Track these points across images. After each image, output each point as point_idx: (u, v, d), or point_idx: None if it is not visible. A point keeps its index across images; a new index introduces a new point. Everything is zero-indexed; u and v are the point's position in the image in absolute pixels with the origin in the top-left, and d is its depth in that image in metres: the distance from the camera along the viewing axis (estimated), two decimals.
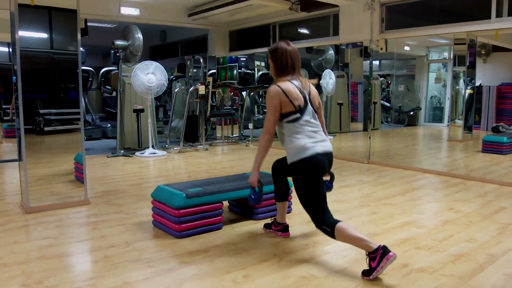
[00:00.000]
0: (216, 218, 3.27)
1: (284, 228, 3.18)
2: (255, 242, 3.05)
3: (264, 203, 3.52)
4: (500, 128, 8.98)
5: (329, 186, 3.10)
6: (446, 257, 2.78)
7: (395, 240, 3.10)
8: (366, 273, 2.46)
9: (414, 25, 6.29)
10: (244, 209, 3.64)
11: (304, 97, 2.79)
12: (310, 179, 2.73)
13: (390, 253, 2.40)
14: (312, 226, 3.37)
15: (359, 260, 2.71)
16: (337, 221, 2.63)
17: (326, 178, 3.02)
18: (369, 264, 2.46)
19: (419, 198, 4.40)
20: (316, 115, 2.87)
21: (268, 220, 3.34)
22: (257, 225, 3.40)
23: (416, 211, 3.87)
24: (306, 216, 3.62)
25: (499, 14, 5.24)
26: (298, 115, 2.75)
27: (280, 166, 3.10)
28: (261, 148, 2.81)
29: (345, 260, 2.73)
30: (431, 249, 2.91)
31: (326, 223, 2.66)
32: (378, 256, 2.41)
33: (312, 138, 2.76)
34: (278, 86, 2.76)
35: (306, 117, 2.77)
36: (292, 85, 2.78)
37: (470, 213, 3.78)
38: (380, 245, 2.45)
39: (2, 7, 4.49)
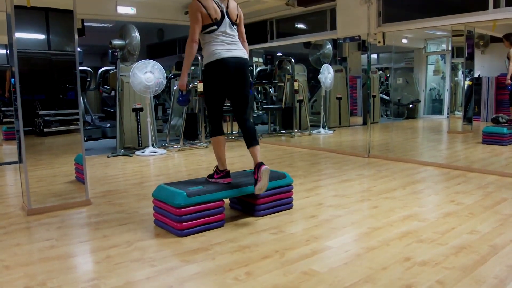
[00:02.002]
0: (217, 216, 3.28)
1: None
2: (256, 239, 3.05)
3: (266, 199, 3.52)
4: (500, 119, 8.97)
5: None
6: (448, 249, 2.78)
7: (396, 233, 3.10)
8: (210, 176, 3.49)
9: (411, 18, 6.27)
10: (245, 206, 3.65)
11: (222, 11, 3.26)
12: (214, 80, 3.30)
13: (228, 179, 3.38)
14: (313, 221, 3.39)
15: (361, 255, 2.72)
16: (222, 133, 3.46)
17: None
18: (212, 174, 3.48)
19: (420, 191, 4.40)
20: (235, 27, 3.36)
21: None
22: (258, 222, 3.41)
23: (417, 204, 3.87)
24: (308, 212, 3.64)
25: (496, 5, 5.23)
26: (214, 27, 3.25)
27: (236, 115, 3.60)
28: (187, 54, 3.28)
29: (347, 255, 2.73)
30: (433, 242, 2.92)
31: (213, 126, 3.46)
32: (217, 177, 3.44)
33: (224, 46, 3.25)
34: (199, 0, 3.21)
35: (222, 28, 3.26)
36: (210, 1, 3.23)
37: (471, 205, 3.78)
38: (226, 171, 3.43)
39: None
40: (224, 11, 3.28)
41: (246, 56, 3.40)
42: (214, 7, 3.23)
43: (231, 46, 3.29)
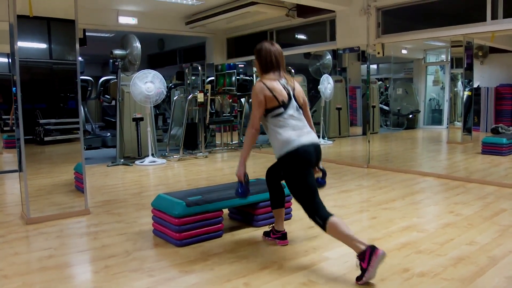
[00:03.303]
0: (216, 226, 3.28)
1: (282, 236, 3.16)
2: (255, 250, 3.05)
3: (265, 210, 3.52)
4: (500, 129, 8.98)
5: (321, 182, 3.09)
6: (447, 260, 2.78)
7: (395, 244, 3.10)
8: (358, 277, 2.47)
9: (410, 29, 6.32)
10: (244, 217, 3.65)
11: (288, 93, 2.89)
12: (298, 171, 2.77)
13: (379, 250, 2.40)
14: (312, 232, 3.38)
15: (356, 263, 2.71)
16: (331, 215, 2.66)
17: (318, 174, 3.05)
18: (360, 267, 2.46)
19: (419, 201, 4.40)
20: (301, 111, 2.96)
21: (267, 228, 3.34)
22: (257, 232, 3.40)
23: (416, 215, 3.87)
24: (306, 223, 3.63)
25: (494, 16, 5.27)
26: (282, 109, 2.84)
27: (273, 172, 3.11)
28: (247, 142, 2.91)
29: (345, 266, 2.73)
30: (432, 253, 2.91)
31: (318, 214, 2.69)
32: (367, 255, 2.41)
33: (297, 131, 2.83)
34: (263, 82, 2.87)
35: (290, 111, 2.86)
36: (276, 82, 2.89)
37: (470, 216, 3.78)
38: (368, 245, 2.45)
39: (1, 18, 4.53)
40: (291, 93, 2.91)
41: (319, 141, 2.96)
42: (281, 88, 2.86)
43: (303, 130, 2.85)
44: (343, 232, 2.57)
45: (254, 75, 11.03)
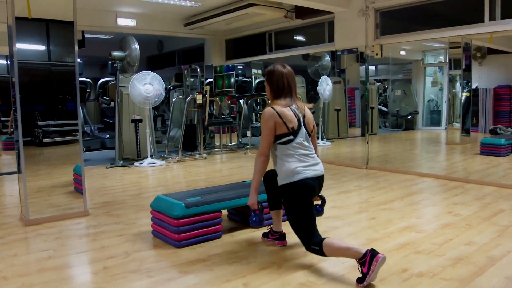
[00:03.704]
0: (215, 227, 3.28)
1: (281, 237, 3.16)
2: (254, 250, 3.05)
3: (264, 211, 3.52)
4: (498, 130, 9.00)
5: (319, 210, 3.08)
6: (446, 260, 2.79)
7: (394, 245, 3.10)
8: (360, 280, 2.46)
9: (408, 30, 6.34)
10: (243, 218, 3.65)
11: (298, 120, 2.82)
12: (299, 202, 2.76)
13: (379, 255, 2.40)
14: None
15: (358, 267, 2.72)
16: (323, 238, 2.67)
17: (317, 202, 3.04)
18: (361, 271, 2.46)
19: (417, 202, 4.41)
20: (310, 138, 2.90)
21: (266, 229, 3.34)
22: (256, 233, 3.41)
23: (415, 216, 3.88)
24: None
25: (492, 17, 5.29)
26: (291, 137, 2.78)
27: (272, 176, 3.07)
28: (257, 170, 2.84)
29: (344, 266, 2.73)
30: (431, 253, 2.92)
31: (314, 243, 2.69)
32: (368, 260, 2.42)
33: (304, 162, 2.78)
34: (273, 108, 2.79)
35: (299, 139, 2.80)
36: (287, 108, 2.81)
37: (469, 216, 3.79)
38: (368, 249, 2.46)
39: (0, 20, 4.53)
40: (301, 120, 2.84)
41: (323, 171, 2.92)
42: (291, 115, 2.79)
43: (311, 161, 2.82)
44: (339, 246, 2.59)
45: (253, 77, 11.05)
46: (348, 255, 2.56)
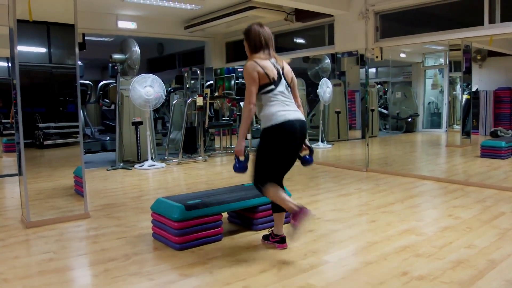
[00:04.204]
0: (216, 229, 3.28)
1: (281, 240, 3.17)
2: (254, 253, 3.05)
3: (264, 213, 3.53)
4: (499, 132, 9.00)
5: (309, 159, 3.23)
6: (446, 264, 2.79)
7: (394, 248, 3.11)
8: (290, 232, 2.85)
9: (408, 33, 6.35)
10: (243, 220, 3.65)
11: (278, 71, 3.05)
12: (277, 144, 2.96)
13: (308, 211, 2.77)
14: (311, 236, 3.39)
15: (359, 270, 2.72)
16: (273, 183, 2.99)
17: (305, 152, 3.21)
18: (293, 223, 2.79)
19: (418, 205, 4.41)
20: (290, 89, 3.12)
21: (266, 232, 3.34)
22: (256, 236, 3.41)
23: (415, 218, 3.88)
24: (306, 226, 3.64)
25: (492, 20, 5.30)
26: (272, 86, 3.00)
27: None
28: (245, 118, 3.02)
29: (345, 269, 2.74)
30: (431, 256, 2.92)
31: (261, 181, 2.99)
32: (298, 215, 2.77)
33: (285, 107, 2.99)
34: (254, 61, 3.01)
35: (280, 88, 3.02)
36: (266, 61, 3.03)
37: (469, 219, 3.79)
38: (300, 207, 2.81)
39: (1, 23, 4.55)
40: (281, 71, 3.07)
41: (304, 118, 3.10)
42: (271, 67, 3.02)
43: (291, 107, 3.02)
44: (280, 194, 2.92)
45: None
46: (284, 205, 2.91)
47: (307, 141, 3.17)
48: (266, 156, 3.00)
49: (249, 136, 8.85)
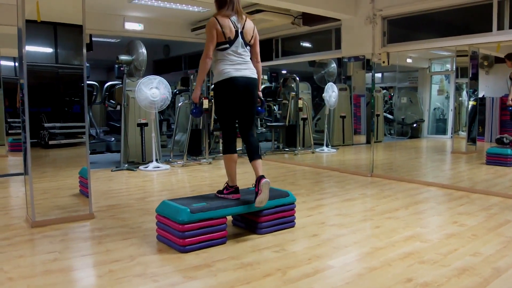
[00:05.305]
0: (220, 232, 3.28)
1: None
2: (258, 257, 3.05)
3: (269, 217, 3.53)
4: (504, 139, 8.95)
5: (261, 110, 3.72)
6: (451, 271, 2.78)
7: (398, 254, 3.09)
8: (219, 192, 3.55)
9: (415, 38, 6.35)
10: (248, 224, 3.65)
11: (236, 31, 3.34)
12: (223, 98, 3.39)
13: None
14: (315, 240, 3.39)
15: (363, 275, 2.71)
16: (234, 152, 3.52)
17: (258, 104, 3.63)
18: (222, 190, 3.52)
19: (422, 211, 4.40)
20: (248, 48, 3.45)
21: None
22: (261, 240, 3.41)
23: (419, 225, 3.86)
24: (310, 231, 3.64)
25: (500, 27, 5.29)
26: (227, 45, 3.32)
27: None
28: (202, 69, 3.37)
29: (349, 274, 2.73)
30: (435, 263, 2.91)
31: (226, 144, 3.53)
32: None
33: (233, 65, 3.33)
34: (216, 18, 3.31)
35: (234, 48, 3.33)
36: (227, 19, 3.32)
37: (474, 227, 3.77)
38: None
39: (9, 23, 4.58)
40: (239, 31, 3.36)
41: (255, 75, 3.47)
42: (230, 26, 3.31)
43: (241, 65, 3.36)
44: (231, 167, 3.50)
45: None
46: (228, 175, 3.51)
47: (260, 94, 3.61)
48: (220, 110, 3.47)
49: None
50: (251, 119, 3.58)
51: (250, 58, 3.55)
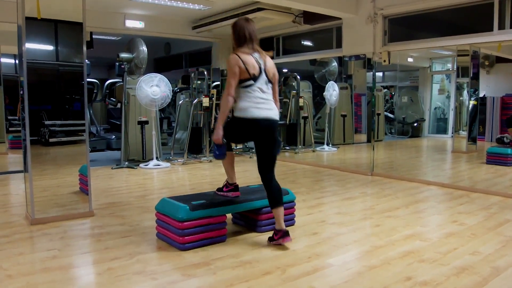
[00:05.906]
0: (220, 230, 3.28)
1: (284, 234, 3.20)
2: (258, 255, 3.05)
3: (268, 215, 3.52)
4: (505, 139, 8.93)
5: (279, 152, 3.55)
6: (450, 270, 2.78)
7: (398, 253, 3.09)
8: (219, 189, 3.57)
9: (416, 38, 6.33)
10: (247, 222, 3.65)
11: (260, 67, 3.20)
12: (241, 132, 3.29)
13: (236, 194, 3.42)
14: (315, 239, 3.39)
15: (363, 273, 2.71)
16: (230, 150, 3.45)
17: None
18: (221, 187, 3.54)
19: (422, 210, 4.39)
20: (270, 85, 3.30)
21: (270, 234, 3.34)
22: (260, 238, 3.41)
23: (419, 224, 3.86)
24: (310, 229, 3.64)
25: (501, 26, 5.28)
26: (251, 82, 3.17)
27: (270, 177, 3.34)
28: (224, 108, 3.20)
29: (348, 273, 2.73)
30: (435, 262, 2.91)
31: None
32: (226, 190, 3.48)
33: (258, 104, 3.18)
34: (237, 55, 3.16)
35: (258, 84, 3.20)
36: (249, 56, 3.18)
37: (474, 226, 3.77)
38: (235, 184, 3.48)
39: (10, 20, 4.57)
40: (262, 67, 3.22)
41: (277, 117, 3.31)
42: (253, 63, 3.17)
43: (265, 105, 3.21)
44: (229, 165, 3.49)
45: None
46: (227, 174, 3.53)
47: (279, 138, 3.47)
48: (232, 135, 3.34)
49: None
50: (272, 160, 3.34)
51: None
